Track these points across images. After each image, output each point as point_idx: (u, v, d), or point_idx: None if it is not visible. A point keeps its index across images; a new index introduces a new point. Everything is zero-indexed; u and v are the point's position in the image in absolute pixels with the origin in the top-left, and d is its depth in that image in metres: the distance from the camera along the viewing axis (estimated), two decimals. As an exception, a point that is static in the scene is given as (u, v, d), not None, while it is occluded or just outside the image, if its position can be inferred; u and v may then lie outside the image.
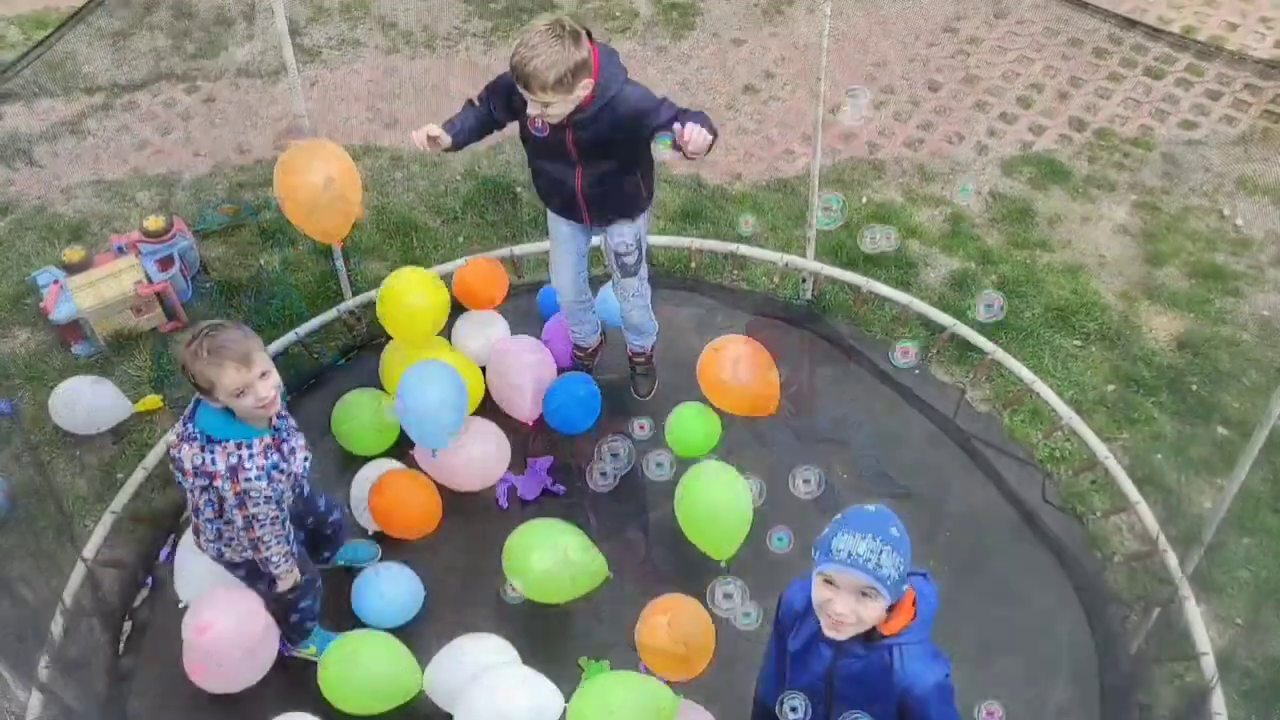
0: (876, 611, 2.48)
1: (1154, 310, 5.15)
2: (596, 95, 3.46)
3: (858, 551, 2.43)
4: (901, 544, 2.47)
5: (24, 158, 4.66)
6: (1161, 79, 6.43)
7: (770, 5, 7.09)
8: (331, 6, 7.15)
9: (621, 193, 3.82)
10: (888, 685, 2.55)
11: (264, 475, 3.12)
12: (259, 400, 3.05)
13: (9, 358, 5.00)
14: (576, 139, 3.58)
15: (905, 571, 2.47)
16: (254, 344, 3.06)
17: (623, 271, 4.05)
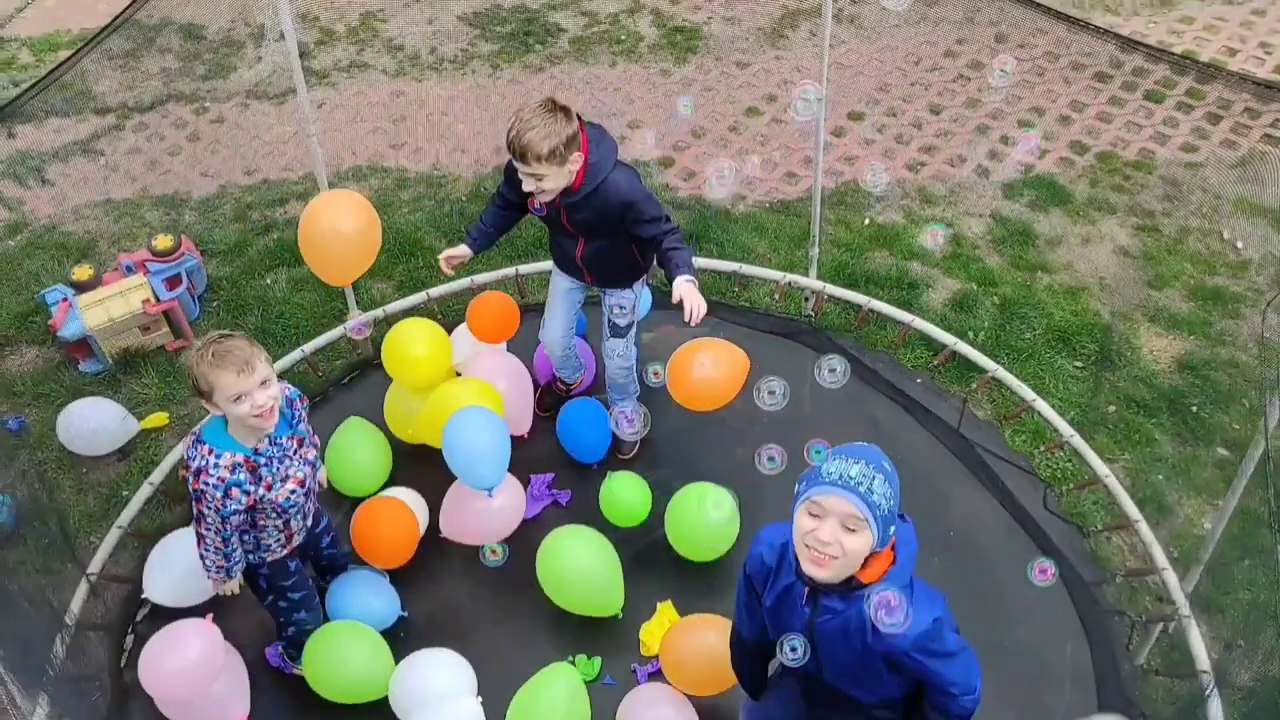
0: (861, 546, 2.41)
1: (1154, 332, 5.18)
2: (587, 177, 3.66)
3: (850, 474, 2.38)
4: (893, 478, 2.42)
5: (36, 175, 4.71)
6: (1162, 103, 6.48)
7: (773, 29, 7.16)
8: (339, 30, 7.24)
9: (620, 264, 4.03)
10: (864, 640, 2.51)
11: (221, 488, 3.14)
12: (255, 408, 3.07)
13: (18, 375, 5.04)
14: (571, 219, 3.80)
15: (894, 510, 2.41)
16: (258, 353, 3.11)
17: (612, 331, 4.23)
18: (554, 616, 3.98)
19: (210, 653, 3.52)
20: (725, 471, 4.25)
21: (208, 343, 3.09)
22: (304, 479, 3.36)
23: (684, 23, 7.23)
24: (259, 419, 3.12)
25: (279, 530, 3.43)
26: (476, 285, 5.13)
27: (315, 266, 4.25)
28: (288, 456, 3.30)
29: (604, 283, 4.14)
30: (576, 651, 3.92)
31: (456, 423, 3.85)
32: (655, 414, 4.47)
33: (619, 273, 4.07)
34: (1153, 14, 7.24)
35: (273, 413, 3.15)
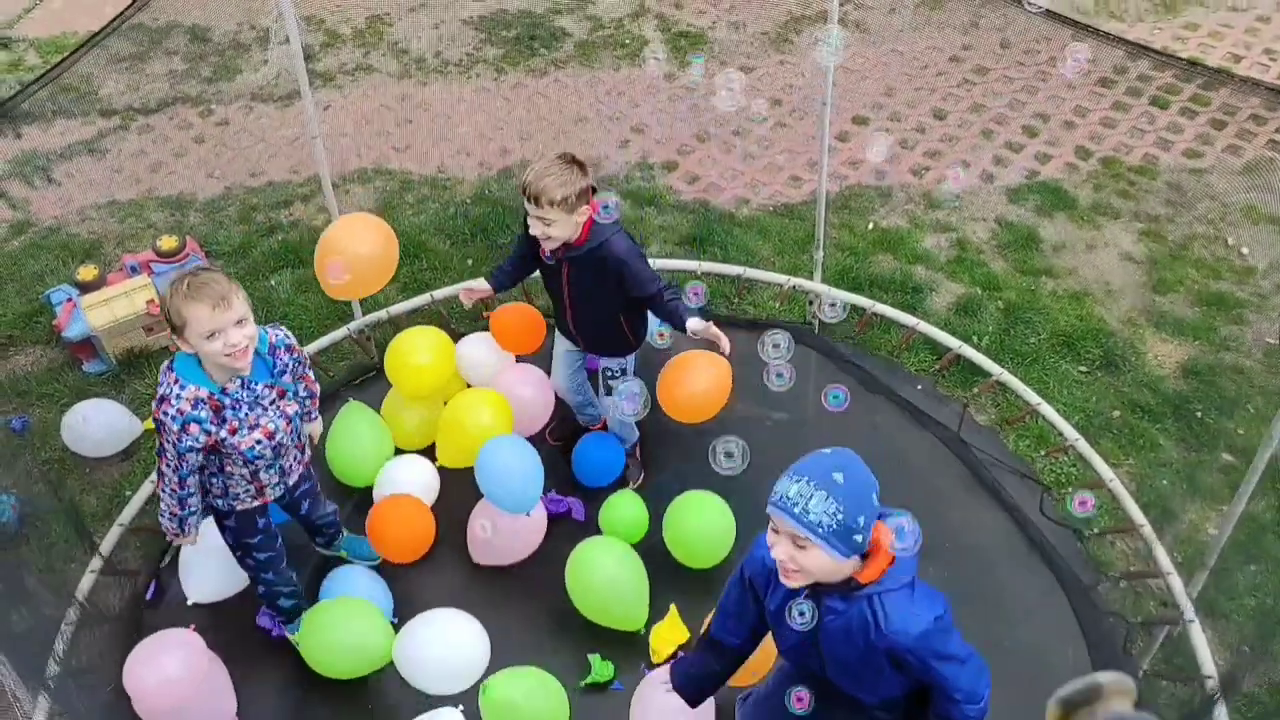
0: (817, 560, 2.40)
1: (1159, 337, 5.17)
2: (591, 234, 3.79)
3: (789, 494, 2.39)
4: (847, 491, 2.36)
5: (42, 175, 4.72)
6: (1167, 108, 6.48)
7: (778, 34, 7.17)
8: (345, 33, 7.26)
9: (609, 336, 4.14)
10: (867, 639, 2.48)
11: (180, 420, 3.04)
12: (228, 345, 2.98)
13: (22, 375, 5.05)
14: (571, 275, 3.91)
15: (847, 522, 2.36)
16: (237, 291, 3.00)
17: (608, 390, 4.34)
18: (563, 616, 3.96)
19: (193, 663, 3.48)
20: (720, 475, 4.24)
21: (184, 276, 2.99)
22: (274, 431, 3.23)
23: (689, 27, 7.24)
24: (230, 358, 3.00)
25: (246, 480, 3.34)
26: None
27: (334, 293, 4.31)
28: (260, 404, 3.19)
29: (594, 349, 4.28)
30: (588, 651, 3.90)
31: (490, 452, 3.90)
32: (655, 424, 4.49)
33: (609, 344, 4.20)
34: (1157, 20, 7.25)
35: (246, 353, 3.03)
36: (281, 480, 3.47)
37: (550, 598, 3.97)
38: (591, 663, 3.86)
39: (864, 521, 2.38)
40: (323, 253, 4.11)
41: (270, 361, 3.22)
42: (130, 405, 4.78)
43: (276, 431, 3.24)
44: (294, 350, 3.32)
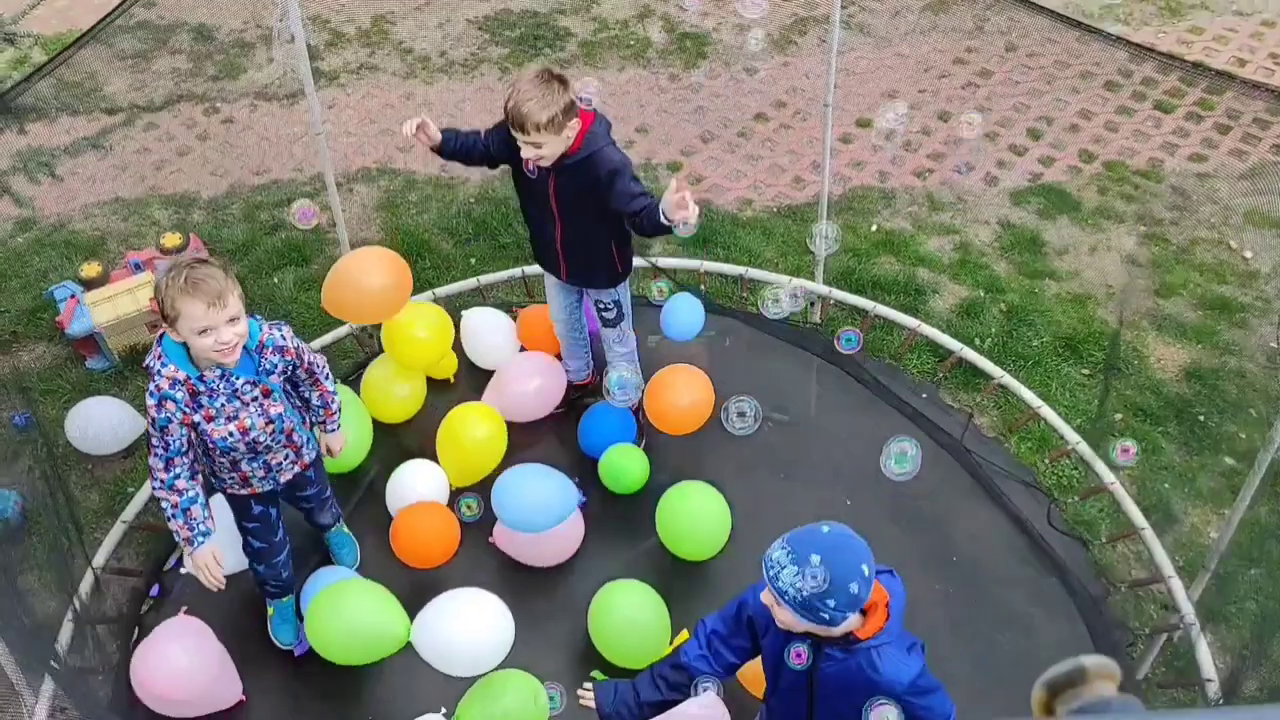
0: (788, 618, 2.58)
1: (1162, 341, 5.17)
2: (584, 142, 3.68)
3: (771, 556, 2.57)
4: (818, 575, 2.48)
5: (47, 171, 4.73)
6: (1171, 112, 6.47)
7: (782, 36, 7.17)
8: (350, 32, 7.27)
9: (595, 257, 4.01)
10: (866, 687, 2.59)
11: (157, 395, 3.06)
12: (219, 343, 2.98)
13: (25, 371, 5.06)
14: (559, 187, 3.79)
15: (813, 601, 2.49)
16: (232, 286, 2.99)
17: (603, 322, 4.27)
18: (569, 632, 3.94)
19: (199, 651, 3.49)
20: (724, 475, 4.25)
21: (181, 267, 2.96)
22: (249, 428, 3.22)
23: (693, 28, 7.24)
24: (219, 354, 3.02)
25: (228, 468, 3.36)
26: (483, 285, 5.15)
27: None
28: (238, 398, 3.17)
29: (580, 279, 4.14)
30: (592, 667, 3.85)
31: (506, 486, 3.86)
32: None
33: (595, 269, 4.05)
34: (1162, 24, 7.24)
35: (235, 350, 3.03)
36: (269, 476, 3.45)
37: (565, 608, 3.96)
38: (596, 679, 3.82)
39: (833, 604, 2.50)
40: (333, 282, 4.16)
41: (256, 359, 3.19)
42: (133, 402, 4.79)
43: (252, 428, 3.23)
44: (286, 353, 3.25)
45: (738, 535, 4.06)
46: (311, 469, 3.65)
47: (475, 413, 4.29)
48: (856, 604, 2.53)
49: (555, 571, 4.10)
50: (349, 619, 3.44)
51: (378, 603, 3.50)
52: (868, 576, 2.52)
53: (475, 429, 4.22)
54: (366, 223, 5.82)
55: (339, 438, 3.67)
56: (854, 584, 2.49)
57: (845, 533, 2.58)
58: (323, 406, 3.54)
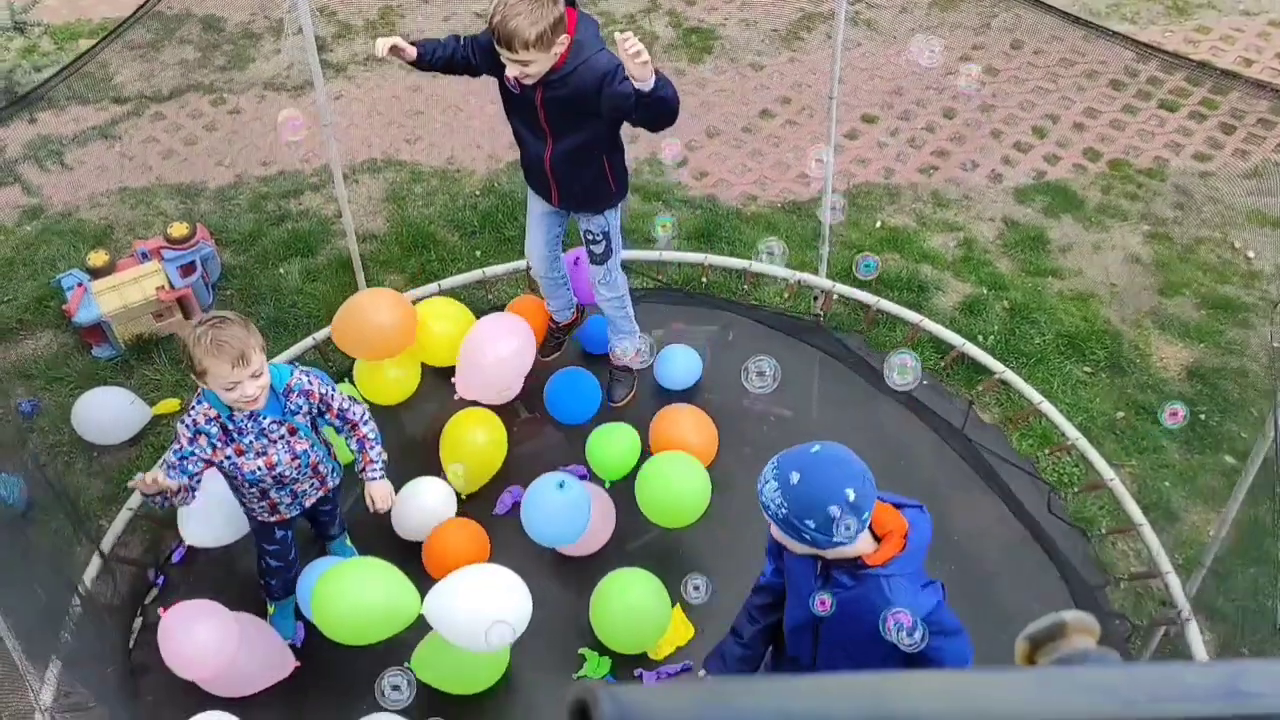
0: (777, 534, 2.56)
1: (1164, 340, 5.18)
2: (571, 53, 3.53)
3: (764, 472, 2.55)
4: (797, 492, 2.44)
5: (56, 159, 4.75)
6: (1176, 111, 6.48)
7: (789, 31, 7.18)
8: (357, 24, 7.28)
9: (587, 176, 3.85)
10: (874, 618, 2.53)
11: (191, 430, 3.35)
12: (244, 397, 3.23)
13: (32, 359, 5.09)
14: (546, 100, 3.62)
15: (790, 518, 2.46)
16: (253, 343, 3.22)
17: (590, 258, 4.14)
18: (567, 609, 3.98)
19: (221, 631, 3.54)
20: (725, 471, 4.28)
21: (206, 325, 3.19)
22: (276, 464, 3.44)
23: (700, 23, 7.25)
24: (246, 404, 3.28)
25: (257, 498, 3.56)
26: (488, 277, 5.17)
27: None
28: (265, 436, 3.40)
29: (573, 201, 3.99)
30: (586, 646, 3.91)
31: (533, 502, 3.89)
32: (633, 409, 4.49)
33: (586, 189, 3.91)
34: (1169, 24, 7.24)
35: (258, 401, 3.28)
36: (296, 502, 3.65)
37: (561, 592, 3.99)
38: (585, 657, 3.87)
39: (812, 525, 2.45)
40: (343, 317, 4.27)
41: (283, 401, 3.40)
42: (139, 391, 4.82)
43: (278, 464, 3.45)
44: (310, 396, 3.44)
45: (737, 529, 4.09)
46: (334, 492, 3.82)
47: (474, 420, 4.32)
48: (842, 529, 2.44)
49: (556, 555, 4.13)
50: (357, 597, 3.45)
51: (386, 579, 3.51)
52: (853, 502, 2.42)
53: (476, 435, 4.26)
54: (373, 214, 5.84)
55: (380, 487, 3.64)
56: (834, 507, 2.41)
57: (836, 456, 2.50)
58: (360, 452, 3.63)
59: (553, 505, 3.83)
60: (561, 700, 2.18)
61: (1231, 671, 0.56)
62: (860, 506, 2.45)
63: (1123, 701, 0.53)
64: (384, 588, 3.48)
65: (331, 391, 3.50)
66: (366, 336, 4.30)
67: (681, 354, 4.68)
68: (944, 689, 0.53)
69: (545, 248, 4.24)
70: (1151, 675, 0.56)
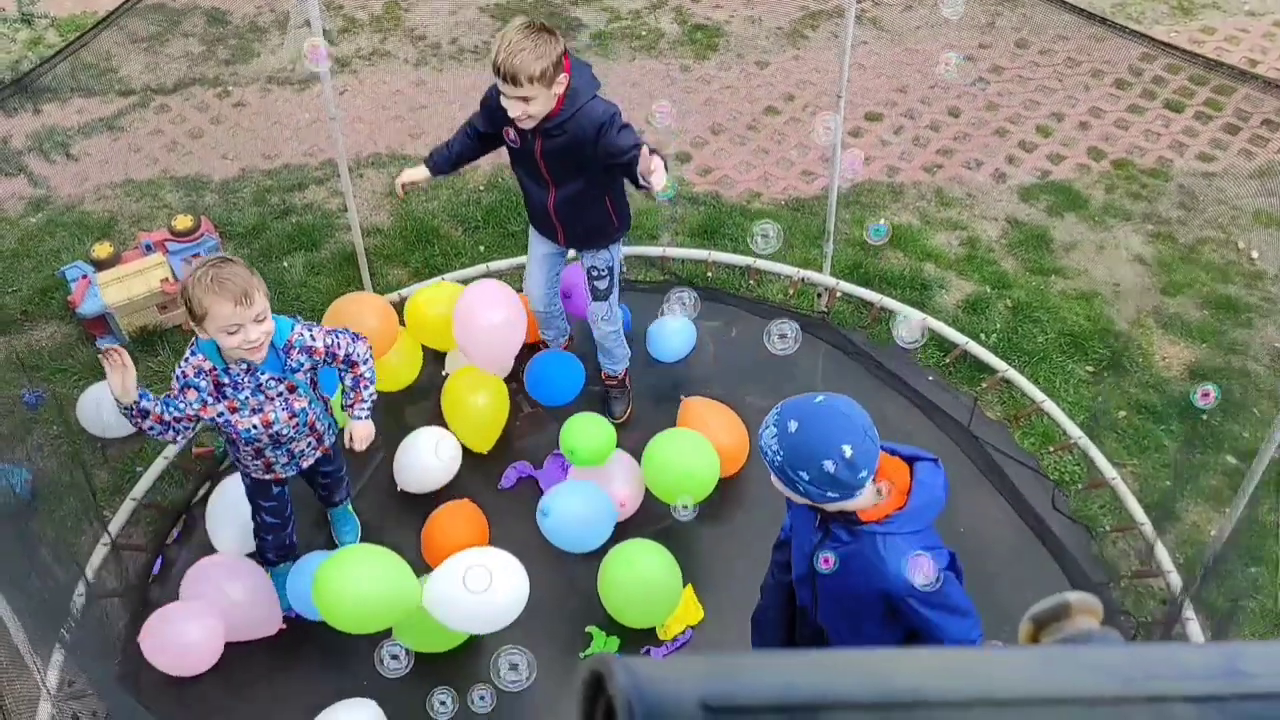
0: (775, 482, 2.48)
1: (1167, 339, 5.18)
2: (567, 100, 3.60)
3: (767, 417, 2.48)
4: (793, 441, 2.38)
5: (61, 150, 4.77)
6: (1181, 112, 6.48)
7: (794, 29, 7.18)
8: (362, 18, 7.29)
9: (591, 217, 3.95)
10: (867, 578, 2.46)
11: (181, 381, 3.21)
12: (246, 342, 3.06)
13: (36, 350, 5.10)
14: (545, 150, 3.71)
15: (784, 466, 2.39)
16: (257, 284, 3.06)
17: (593, 294, 4.19)
18: (572, 588, 3.99)
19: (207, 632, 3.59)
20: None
21: (207, 265, 3.04)
22: (273, 421, 3.31)
23: (705, 20, 7.26)
24: (248, 352, 3.11)
25: (252, 456, 3.46)
26: (491, 271, 5.18)
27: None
28: (263, 392, 3.27)
29: (577, 241, 4.07)
30: (594, 623, 3.91)
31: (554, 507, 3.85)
32: (650, 406, 4.50)
33: (590, 228, 3.99)
34: (1173, 24, 7.24)
35: (262, 348, 3.12)
36: (292, 462, 3.56)
37: (567, 572, 4.00)
38: (592, 635, 3.87)
39: (806, 477, 2.37)
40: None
41: (283, 358, 3.26)
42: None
43: (275, 422, 3.33)
44: (314, 353, 3.31)
45: (740, 524, 4.11)
46: (331, 450, 3.72)
47: (474, 377, 4.33)
48: (838, 486, 2.37)
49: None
50: (359, 585, 3.42)
51: (388, 567, 3.49)
52: (849, 459, 2.34)
53: (478, 396, 4.27)
54: (376, 209, 5.85)
55: (363, 427, 3.61)
56: (829, 462, 2.33)
57: (837, 409, 2.41)
58: (353, 389, 3.53)
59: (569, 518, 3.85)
60: (569, 678, 2.21)
61: (1230, 651, 0.56)
62: (857, 464, 2.36)
63: (1123, 680, 0.53)
64: (386, 576, 3.46)
65: (336, 339, 3.36)
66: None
67: (675, 324, 4.67)
68: (947, 666, 0.53)
69: (546, 286, 4.31)
70: (1151, 654, 0.57)
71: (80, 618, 3.74)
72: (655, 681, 0.49)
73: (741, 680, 0.49)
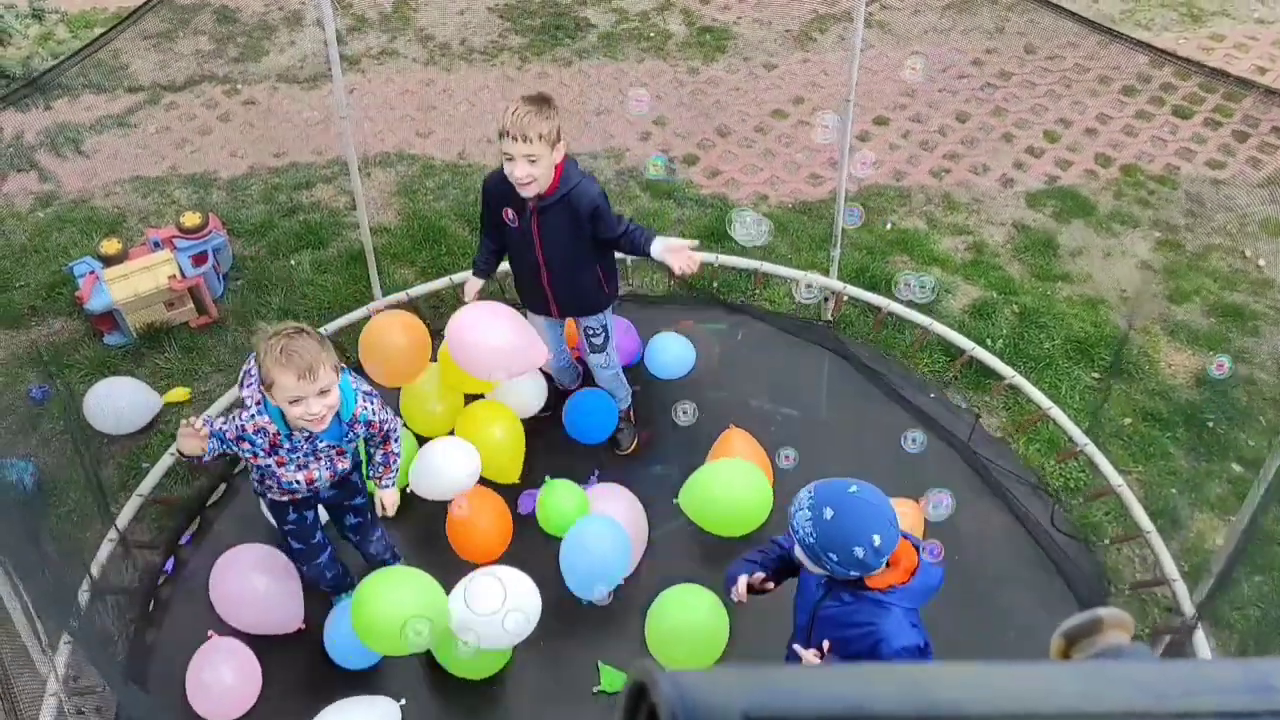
0: (799, 554, 2.70)
1: (1173, 346, 5.19)
2: (561, 180, 3.81)
3: (799, 496, 2.70)
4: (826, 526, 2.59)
5: (72, 146, 4.78)
6: (1189, 118, 6.48)
7: (802, 32, 7.19)
8: (372, 18, 7.30)
9: (584, 291, 4.13)
10: (860, 636, 2.66)
11: (238, 433, 3.21)
12: (308, 414, 3.10)
13: (44, 345, 5.11)
14: (542, 227, 3.89)
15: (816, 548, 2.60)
16: (325, 359, 3.07)
17: (591, 349, 4.38)
18: (577, 617, 3.99)
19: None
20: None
21: (280, 335, 3.06)
22: (316, 479, 3.39)
23: (713, 22, 7.27)
24: (309, 424, 3.14)
25: (275, 488, 3.47)
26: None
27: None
28: (315, 455, 3.33)
29: (572, 310, 4.26)
30: (603, 659, 3.89)
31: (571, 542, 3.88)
32: (646, 405, 4.50)
33: (582, 301, 4.19)
34: (1182, 31, 7.24)
35: (324, 421, 3.15)
36: (309, 494, 3.54)
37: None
38: (600, 671, 3.85)
39: (835, 559, 2.60)
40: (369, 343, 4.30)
41: (345, 430, 3.31)
42: (149, 379, 4.85)
43: (318, 480, 3.41)
44: (372, 427, 3.36)
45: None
46: (355, 475, 3.65)
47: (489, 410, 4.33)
48: (861, 567, 2.60)
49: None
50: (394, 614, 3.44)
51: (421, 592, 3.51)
52: (877, 547, 2.58)
53: (494, 429, 4.27)
54: (384, 207, 5.86)
55: (392, 494, 3.68)
56: (859, 549, 2.57)
57: (869, 500, 2.63)
58: (383, 464, 3.59)
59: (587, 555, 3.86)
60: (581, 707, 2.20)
61: (1263, 668, 0.57)
62: (883, 550, 2.60)
63: (1156, 695, 0.54)
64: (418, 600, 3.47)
65: (388, 417, 3.43)
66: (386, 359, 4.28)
67: (675, 342, 4.73)
68: (986, 681, 0.54)
69: (553, 345, 4.45)
70: (1184, 670, 0.57)
71: (87, 612, 3.75)
72: (699, 692, 0.50)
73: (783, 692, 0.50)
